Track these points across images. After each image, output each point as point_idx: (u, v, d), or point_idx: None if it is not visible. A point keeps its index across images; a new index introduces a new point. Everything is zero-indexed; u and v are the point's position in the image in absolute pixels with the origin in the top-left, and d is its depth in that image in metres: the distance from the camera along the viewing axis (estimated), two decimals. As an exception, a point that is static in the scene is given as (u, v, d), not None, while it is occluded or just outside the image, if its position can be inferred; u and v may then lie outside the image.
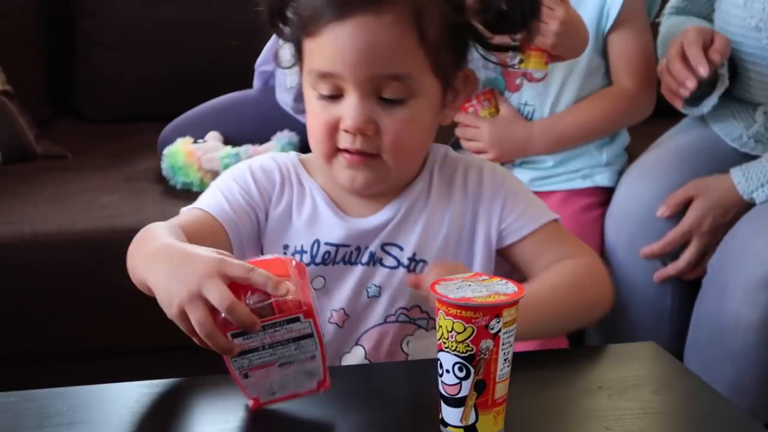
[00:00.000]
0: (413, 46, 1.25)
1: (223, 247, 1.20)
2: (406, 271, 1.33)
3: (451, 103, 1.35)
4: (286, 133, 2.36)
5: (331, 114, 1.27)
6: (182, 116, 2.49)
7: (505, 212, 1.36)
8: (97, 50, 2.84)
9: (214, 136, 2.40)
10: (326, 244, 1.34)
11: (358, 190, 1.33)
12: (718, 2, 2.12)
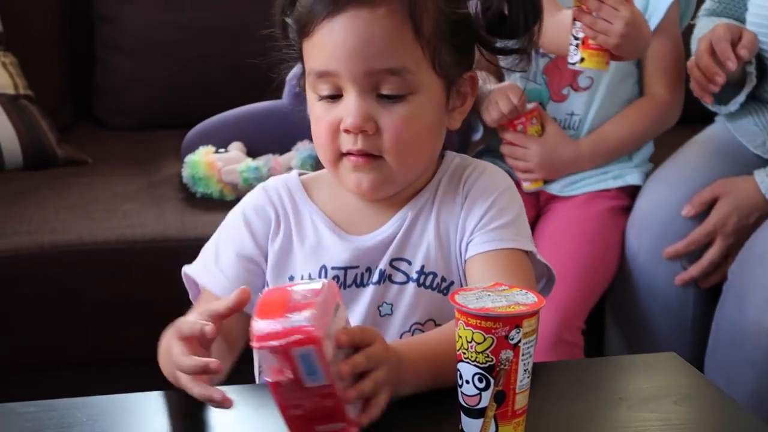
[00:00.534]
0: (409, 40, 1.23)
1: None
2: (415, 285, 1.30)
3: (459, 107, 1.32)
4: (307, 143, 2.36)
5: (332, 116, 1.25)
6: (209, 120, 2.49)
7: (480, 224, 1.31)
8: (117, 56, 2.85)
9: (236, 146, 2.41)
10: (333, 269, 1.30)
11: (365, 194, 1.30)
12: (750, 2, 2.12)
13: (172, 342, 1.13)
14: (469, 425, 1.07)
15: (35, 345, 2.18)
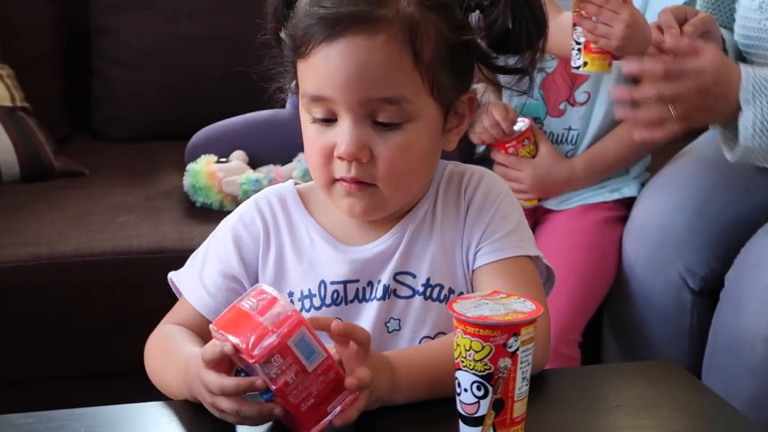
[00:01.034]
0: (408, 68, 1.21)
1: None
2: (422, 299, 1.28)
3: (456, 128, 1.30)
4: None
5: (326, 140, 1.23)
6: (213, 126, 2.49)
7: (486, 234, 1.30)
8: (114, 68, 2.85)
9: (238, 156, 2.41)
10: (333, 284, 1.28)
11: (357, 217, 1.28)
12: (737, 10, 2.11)
13: (202, 373, 1.12)
14: (468, 433, 1.07)
15: (32, 356, 2.17)
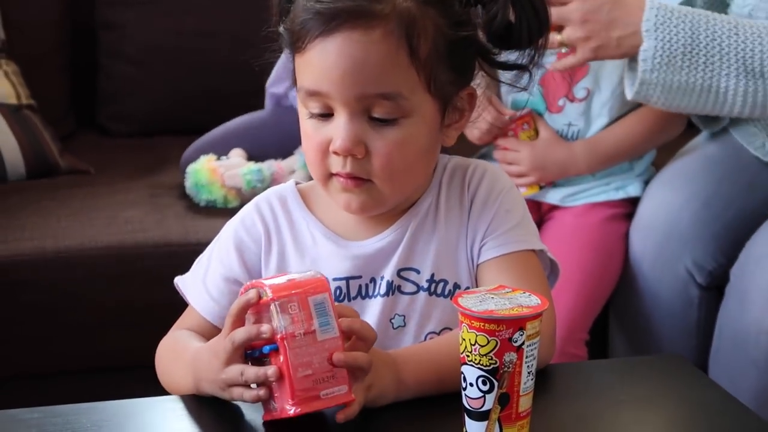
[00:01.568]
0: (404, 64, 1.20)
1: None
2: (427, 295, 1.28)
3: (455, 123, 1.29)
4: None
5: (322, 135, 1.22)
6: (204, 137, 2.49)
7: (490, 228, 1.30)
8: (120, 64, 2.86)
9: (237, 153, 2.41)
10: (335, 280, 1.27)
11: (355, 213, 1.27)
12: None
13: (217, 341, 1.15)
14: (473, 428, 1.07)
15: (38, 351, 2.18)
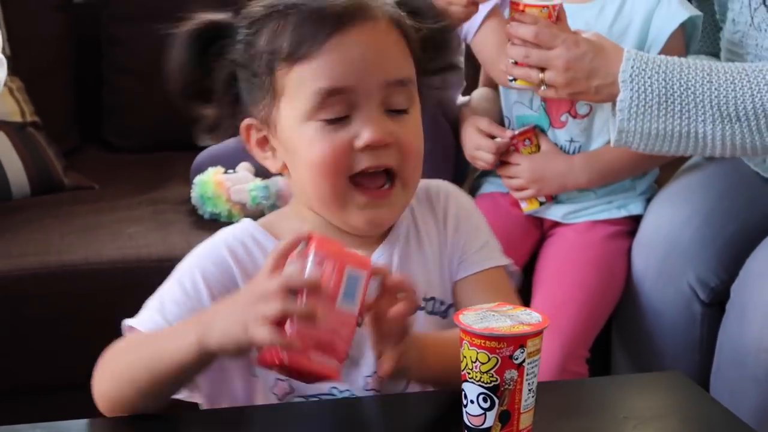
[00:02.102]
0: (406, 52, 1.25)
1: None
2: (424, 314, 1.28)
3: None
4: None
5: (339, 138, 1.20)
6: (218, 145, 2.49)
7: (466, 246, 1.32)
8: (125, 79, 2.86)
9: (245, 167, 2.41)
10: None
11: (372, 230, 1.26)
12: (721, 39, 2.12)
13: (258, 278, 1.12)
14: (474, 445, 1.08)
15: (41, 365, 2.18)
